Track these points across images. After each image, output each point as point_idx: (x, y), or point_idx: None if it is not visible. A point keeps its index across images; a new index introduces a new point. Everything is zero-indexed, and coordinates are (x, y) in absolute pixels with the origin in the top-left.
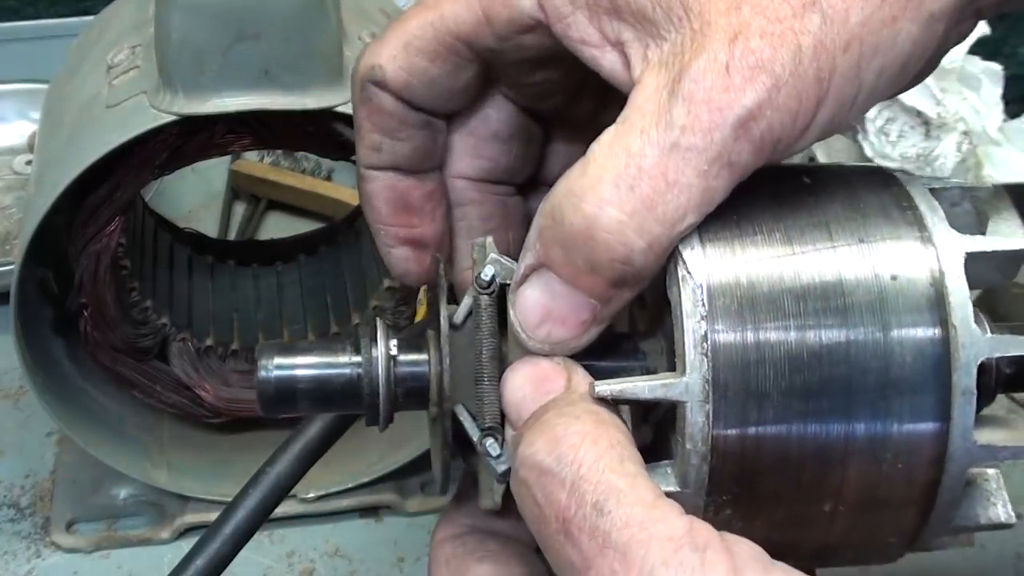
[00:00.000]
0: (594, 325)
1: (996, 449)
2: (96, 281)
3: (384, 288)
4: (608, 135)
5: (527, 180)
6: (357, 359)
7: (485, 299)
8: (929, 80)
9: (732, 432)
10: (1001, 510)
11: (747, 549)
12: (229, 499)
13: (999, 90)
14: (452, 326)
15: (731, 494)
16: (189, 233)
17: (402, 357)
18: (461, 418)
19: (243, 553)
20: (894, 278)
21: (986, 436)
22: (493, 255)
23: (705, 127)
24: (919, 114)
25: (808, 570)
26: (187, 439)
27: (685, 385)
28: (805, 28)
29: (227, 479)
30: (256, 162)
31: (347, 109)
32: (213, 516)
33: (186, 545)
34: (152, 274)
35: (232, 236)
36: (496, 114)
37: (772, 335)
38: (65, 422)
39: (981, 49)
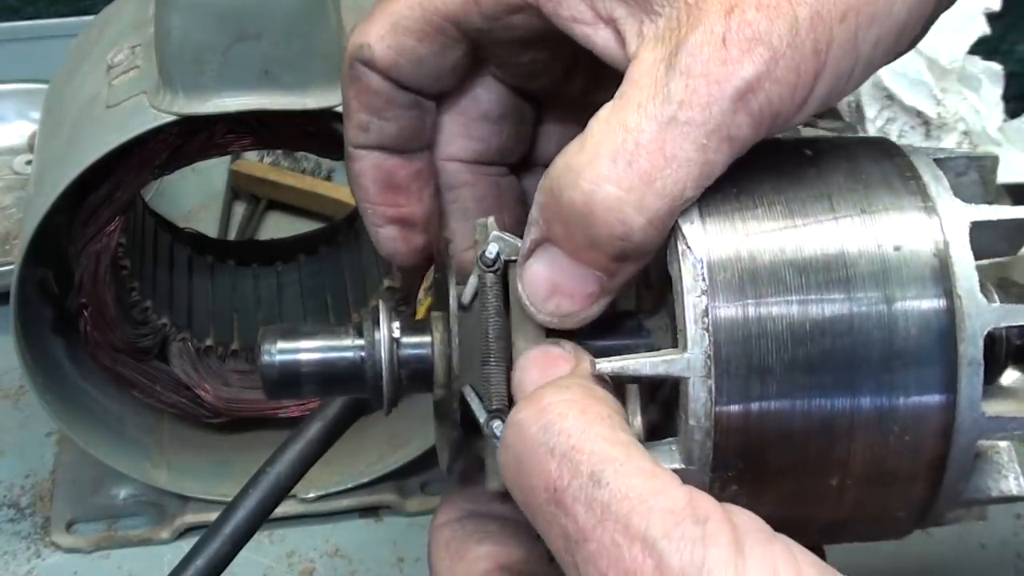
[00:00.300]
0: (601, 297)
1: (1005, 421)
2: (96, 281)
3: (384, 288)
4: (605, 111)
5: (520, 160)
6: (360, 342)
7: (491, 277)
8: (929, 80)
9: (735, 407)
10: (1013, 483)
11: (749, 521)
12: (229, 499)
13: (999, 90)
14: (461, 307)
15: (736, 470)
16: (189, 233)
17: (406, 339)
18: (468, 399)
19: (243, 553)
20: (897, 249)
21: (995, 408)
22: (496, 232)
23: (703, 101)
24: (919, 114)
25: (817, 546)
26: (187, 439)
27: (687, 361)
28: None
29: (227, 479)
30: (256, 162)
31: None
32: (213, 516)
33: (186, 545)
34: (152, 274)
35: (232, 236)
36: (486, 94)
37: (774, 309)
38: (65, 422)
39: (981, 49)
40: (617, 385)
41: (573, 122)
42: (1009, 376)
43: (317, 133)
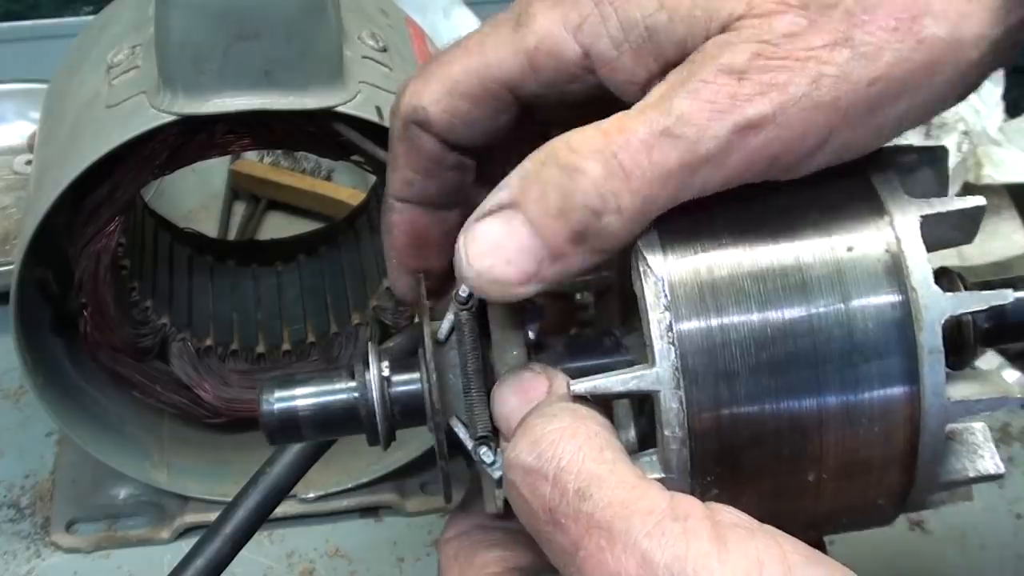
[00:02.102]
0: (534, 280)
1: (971, 403)
2: (96, 281)
3: (384, 288)
4: (617, 113)
5: None
6: (352, 384)
7: (465, 315)
8: None
9: (707, 415)
10: (989, 462)
11: (731, 516)
12: (229, 499)
13: (999, 90)
14: (437, 342)
15: (714, 474)
16: (189, 233)
17: (395, 378)
18: (456, 430)
19: (243, 553)
20: (850, 249)
21: (961, 391)
22: None
23: (701, 122)
24: None
25: (816, 540)
26: (187, 439)
27: (656, 375)
28: (832, 59)
29: (227, 479)
30: (256, 162)
31: (347, 109)
32: (213, 516)
33: (186, 545)
34: (152, 274)
35: (232, 236)
36: (532, 150)
37: (735, 317)
38: (65, 422)
39: None
40: (606, 403)
41: None
42: (990, 359)
43: (317, 133)
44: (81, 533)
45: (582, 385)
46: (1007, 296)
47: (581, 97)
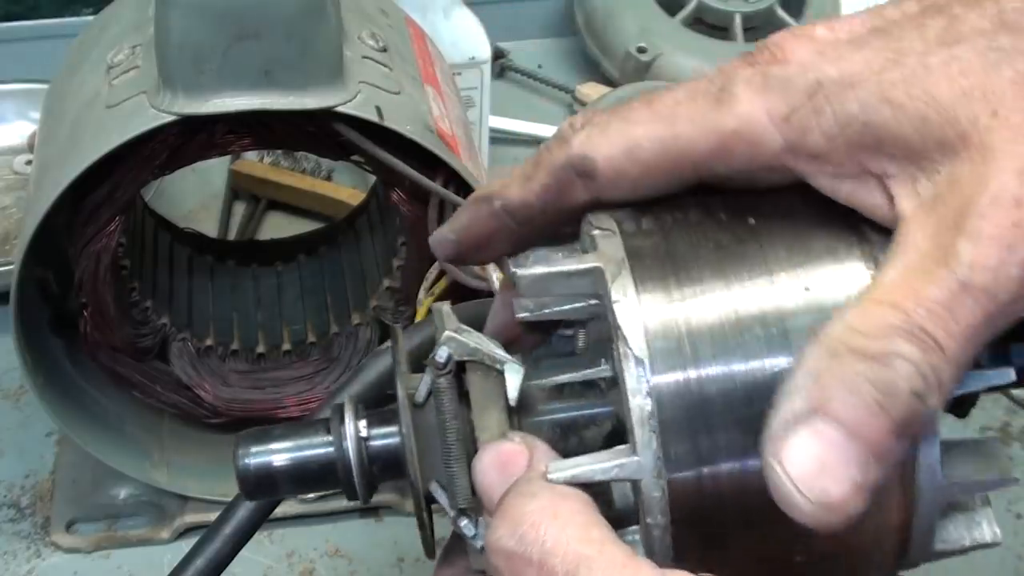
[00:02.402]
0: (864, 491)
1: (968, 484)
2: (96, 281)
3: (384, 288)
4: (888, 276)
5: None
6: (329, 438)
7: (443, 381)
8: None
9: (690, 501)
10: (987, 529)
11: None
12: (229, 499)
13: None
14: (415, 405)
15: (699, 557)
16: (189, 233)
17: (374, 432)
18: (436, 495)
19: (243, 553)
20: (836, 303)
21: (958, 470)
22: (448, 332)
23: (994, 265)
24: None
25: None
26: (187, 439)
27: (637, 464)
28: None
29: (227, 479)
30: (256, 162)
31: (347, 109)
32: (213, 516)
33: (186, 545)
34: (152, 274)
35: (232, 236)
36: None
37: (718, 400)
38: (65, 422)
39: None
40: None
41: None
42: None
43: (317, 133)
44: (81, 533)
45: (560, 474)
46: (1009, 376)
47: (765, 182)
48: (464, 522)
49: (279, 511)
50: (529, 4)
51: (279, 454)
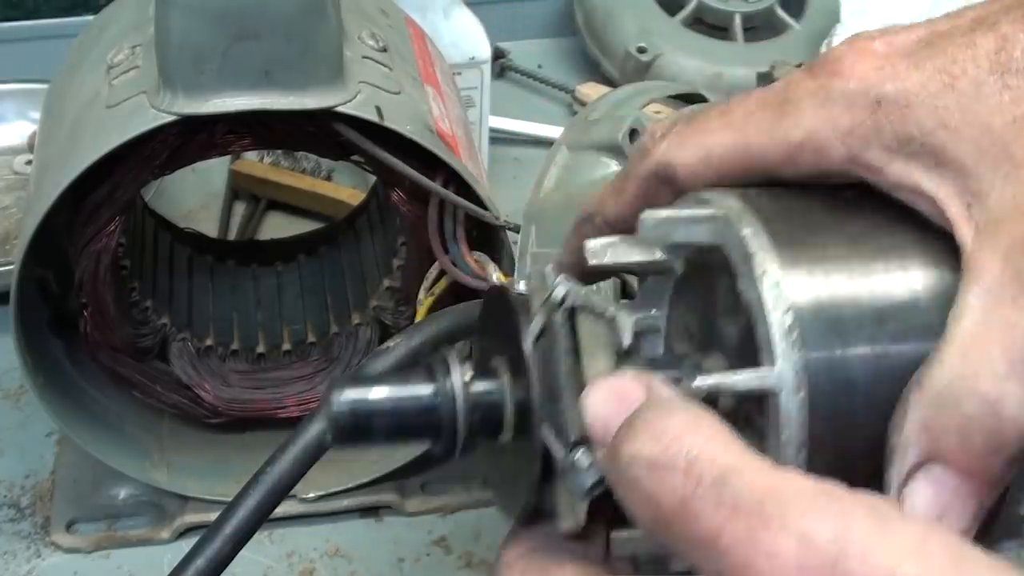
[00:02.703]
0: (977, 518)
1: None
2: (96, 281)
3: (384, 288)
4: (972, 311)
5: None
6: (431, 388)
7: (559, 317)
8: None
9: (824, 422)
10: None
11: (881, 501)
12: (229, 499)
13: None
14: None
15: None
16: (189, 233)
17: (476, 384)
18: (544, 438)
19: (243, 553)
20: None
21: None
22: (563, 277)
23: None
24: None
25: None
26: (187, 439)
27: (778, 376)
28: None
29: (227, 479)
30: (256, 162)
31: (347, 109)
32: (213, 516)
33: (186, 545)
34: (152, 274)
35: (232, 236)
36: None
37: (851, 317)
38: (65, 422)
39: None
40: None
41: None
42: None
43: (317, 133)
44: (81, 533)
45: (705, 382)
46: None
47: (834, 184)
48: (577, 454)
49: (279, 511)
50: (529, 4)
51: (378, 397)
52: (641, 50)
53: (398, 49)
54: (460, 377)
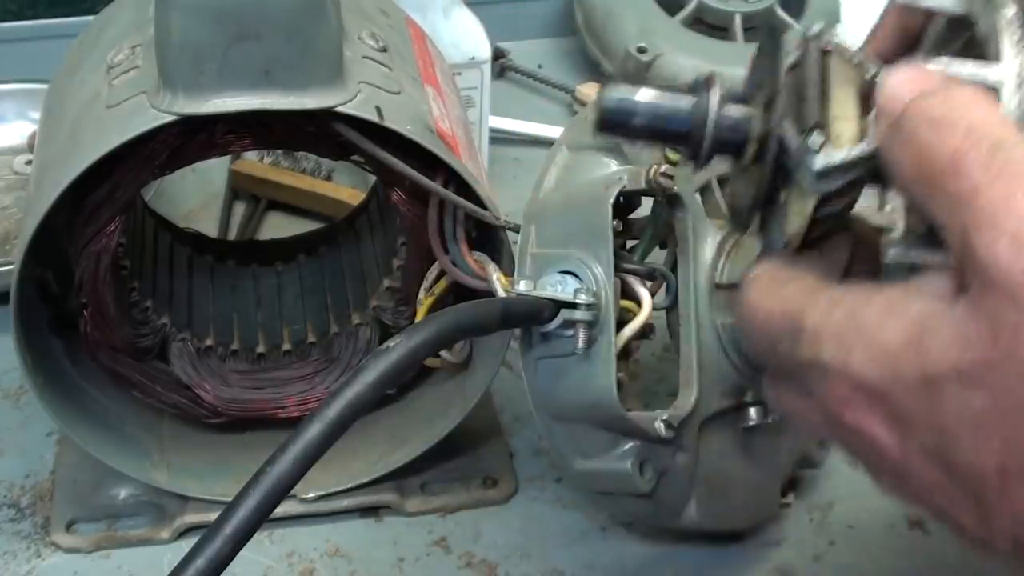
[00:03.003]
0: None
1: None
2: (96, 281)
3: (384, 288)
4: None
5: None
6: (691, 101)
7: (813, 46)
8: None
9: None
10: None
11: None
12: (229, 499)
13: None
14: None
15: None
16: (189, 233)
17: (730, 108)
18: (783, 132)
19: (243, 553)
20: None
21: None
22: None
23: None
24: None
25: None
26: (187, 439)
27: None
28: None
29: (227, 479)
30: (256, 162)
31: (347, 109)
32: (213, 516)
33: (186, 545)
34: (152, 274)
35: (232, 236)
36: None
37: None
38: (65, 422)
39: None
40: None
41: None
42: None
43: (317, 133)
44: (81, 533)
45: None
46: None
47: None
48: (812, 136)
49: (279, 511)
50: (529, 4)
51: (643, 99)
52: (641, 50)
53: (398, 49)
54: (717, 97)
